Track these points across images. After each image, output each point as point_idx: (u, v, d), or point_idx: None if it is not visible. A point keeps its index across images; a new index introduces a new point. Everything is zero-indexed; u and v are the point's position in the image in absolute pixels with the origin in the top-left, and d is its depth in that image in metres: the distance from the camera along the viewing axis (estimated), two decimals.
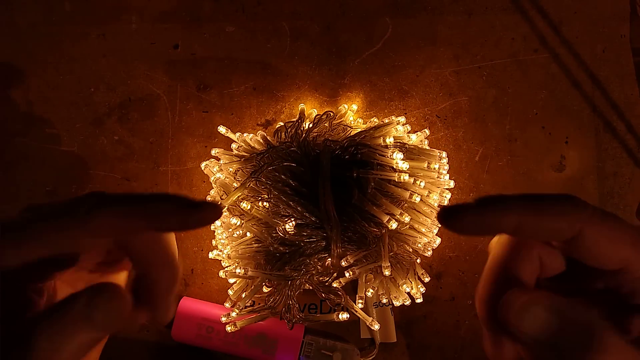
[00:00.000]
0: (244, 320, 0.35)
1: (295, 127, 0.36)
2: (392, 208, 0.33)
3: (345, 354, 0.41)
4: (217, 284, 0.43)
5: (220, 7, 0.45)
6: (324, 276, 0.35)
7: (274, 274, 0.34)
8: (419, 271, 0.37)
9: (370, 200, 0.33)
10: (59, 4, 0.45)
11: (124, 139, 0.44)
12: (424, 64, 0.45)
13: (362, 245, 0.34)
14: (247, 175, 0.34)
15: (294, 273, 0.34)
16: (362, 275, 0.36)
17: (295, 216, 0.33)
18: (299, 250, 0.34)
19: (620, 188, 0.44)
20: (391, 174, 0.33)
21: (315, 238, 0.34)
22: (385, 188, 0.34)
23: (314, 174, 0.34)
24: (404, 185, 0.34)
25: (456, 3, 0.45)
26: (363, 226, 0.34)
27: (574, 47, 0.45)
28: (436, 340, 0.43)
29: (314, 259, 0.34)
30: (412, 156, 0.35)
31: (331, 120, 0.37)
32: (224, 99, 0.45)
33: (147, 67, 0.45)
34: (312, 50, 0.45)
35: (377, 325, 0.36)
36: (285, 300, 0.34)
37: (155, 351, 0.42)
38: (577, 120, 0.45)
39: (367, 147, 0.34)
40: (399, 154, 0.33)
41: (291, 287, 0.34)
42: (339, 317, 0.36)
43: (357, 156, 0.34)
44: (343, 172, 0.34)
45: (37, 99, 0.45)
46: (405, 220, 0.33)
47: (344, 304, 0.35)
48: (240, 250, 0.35)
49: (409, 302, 0.36)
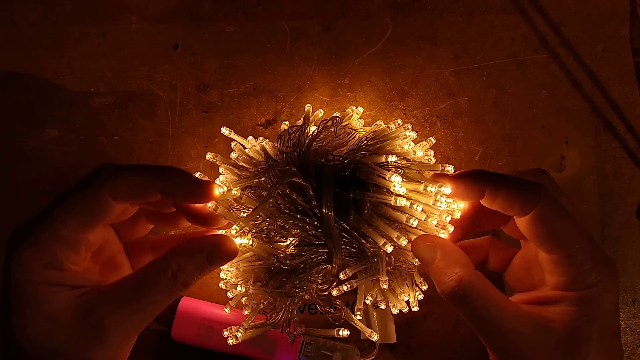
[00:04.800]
0: (246, 334, 0.35)
1: (299, 132, 0.35)
2: (388, 230, 0.32)
3: (345, 354, 0.41)
4: (217, 284, 0.43)
5: (220, 7, 0.45)
6: (323, 285, 0.35)
7: (275, 291, 0.34)
8: (417, 279, 0.37)
9: (366, 221, 0.33)
10: (59, 4, 0.45)
11: (124, 139, 0.44)
12: (424, 64, 0.45)
13: (362, 259, 0.34)
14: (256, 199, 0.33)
15: (295, 290, 0.34)
16: (360, 287, 0.35)
17: (297, 235, 0.33)
18: (300, 266, 0.34)
19: (620, 188, 0.44)
20: (387, 197, 0.32)
21: (316, 255, 0.34)
22: (382, 210, 0.33)
23: (316, 187, 0.33)
24: (401, 208, 0.33)
25: (456, 3, 0.45)
26: (361, 243, 0.33)
27: (574, 47, 0.45)
28: (436, 340, 0.43)
29: (314, 273, 0.34)
30: (412, 175, 0.34)
31: (337, 125, 0.36)
32: (224, 99, 0.45)
33: (147, 67, 0.45)
34: (312, 50, 0.45)
35: (376, 336, 0.36)
36: (286, 317, 0.34)
37: (155, 351, 0.42)
38: (577, 120, 0.45)
39: (367, 167, 0.33)
40: (397, 177, 0.32)
41: (292, 303, 0.34)
42: (339, 333, 0.36)
43: (357, 174, 0.34)
44: (341, 191, 0.33)
45: (37, 99, 0.45)
46: (402, 244, 0.32)
47: (344, 318, 0.35)
48: (242, 267, 0.35)
49: (406, 310, 0.36)
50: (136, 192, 0.30)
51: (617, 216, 0.44)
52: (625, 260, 0.44)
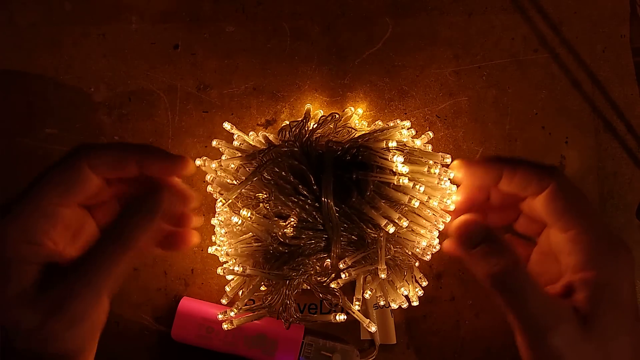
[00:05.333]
0: (241, 319, 0.35)
1: (300, 127, 0.36)
2: (390, 212, 0.33)
3: (345, 355, 0.41)
4: (217, 284, 0.43)
5: (220, 7, 0.45)
6: (322, 276, 0.35)
7: (272, 273, 0.34)
8: (417, 274, 0.37)
9: (368, 203, 0.33)
10: (59, 4, 0.45)
11: (124, 139, 0.44)
12: (424, 64, 0.45)
13: (360, 247, 0.34)
14: (250, 172, 0.34)
15: (293, 273, 0.34)
16: (359, 277, 0.35)
17: (295, 216, 0.33)
18: (298, 251, 0.34)
19: (620, 188, 0.44)
20: (390, 176, 0.33)
21: (315, 239, 0.34)
22: (384, 191, 0.34)
23: (316, 174, 0.34)
24: (403, 189, 0.33)
25: (456, 3, 0.45)
26: (361, 228, 0.33)
27: (574, 47, 0.45)
28: (436, 340, 0.43)
29: (313, 259, 0.34)
30: (414, 159, 0.35)
31: (336, 122, 0.36)
32: (224, 99, 0.45)
33: (147, 67, 0.45)
34: (312, 50, 0.45)
35: (374, 327, 0.36)
36: (283, 300, 0.34)
37: (156, 351, 0.42)
38: (577, 120, 0.45)
39: (369, 150, 0.34)
40: (399, 157, 0.33)
41: (289, 286, 0.34)
42: (336, 318, 0.36)
43: (358, 158, 0.34)
44: (343, 173, 0.34)
45: (37, 99, 0.45)
46: (403, 225, 0.33)
47: (341, 305, 0.35)
48: (240, 249, 0.35)
49: (406, 305, 0.36)
50: (114, 163, 0.31)
51: (617, 216, 0.44)
52: None
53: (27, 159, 0.44)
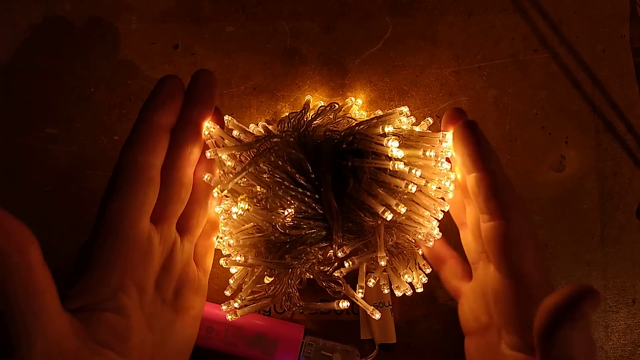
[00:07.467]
0: (245, 309, 0.35)
1: (299, 117, 0.36)
2: (387, 198, 0.32)
3: (345, 355, 0.41)
4: (217, 284, 0.43)
5: (220, 7, 0.45)
6: (324, 266, 0.35)
7: (274, 262, 0.34)
8: (420, 262, 0.36)
9: (365, 190, 0.33)
10: (59, 4, 0.45)
11: (124, 138, 0.44)
12: (424, 64, 0.45)
13: (360, 235, 0.34)
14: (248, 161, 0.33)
15: (295, 262, 0.34)
16: (362, 265, 0.35)
17: (294, 206, 0.33)
18: (300, 240, 0.34)
19: (620, 188, 0.44)
20: (385, 162, 0.32)
21: (316, 228, 0.33)
22: (381, 178, 0.33)
23: (314, 163, 0.33)
24: (400, 174, 0.33)
25: (456, 3, 0.45)
26: (359, 216, 0.33)
27: (574, 47, 0.45)
28: (436, 340, 0.43)
29: (315, 248, 0.34)
30: (410, 144, 0.34)
31: (336, 112, 0.36)
32: (224, 99, 0.45)
33: (147, 67, 0.45)
34: (312, 50, 0.45)
35: (378, 314, 0.35)
36: (286, 289, 0.34)
37: None
38: (577, 120, 0.45)
39: (365, 136, 0.33)
40: (394, 141, 0.32)
41: (291, 275, 0.34)
42: (339, 305, 0.35)
43: (355, 145, 0.34)
44: (340, 161, 0.34)
45: (37, 99, 0.45)
46: (401, 211, 0.32)
47: (344, 292, 0.35)
48: (242, 239, 0.35)
49: (410, 292, 0.36)
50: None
51: (617, 216, 0.44)
52: (625, 260, 0.44)
53: (27, 159, 0.44)
